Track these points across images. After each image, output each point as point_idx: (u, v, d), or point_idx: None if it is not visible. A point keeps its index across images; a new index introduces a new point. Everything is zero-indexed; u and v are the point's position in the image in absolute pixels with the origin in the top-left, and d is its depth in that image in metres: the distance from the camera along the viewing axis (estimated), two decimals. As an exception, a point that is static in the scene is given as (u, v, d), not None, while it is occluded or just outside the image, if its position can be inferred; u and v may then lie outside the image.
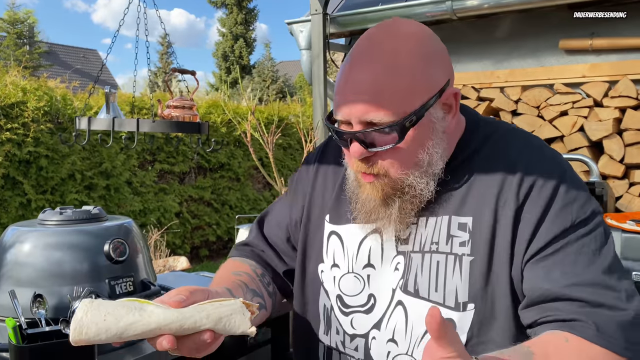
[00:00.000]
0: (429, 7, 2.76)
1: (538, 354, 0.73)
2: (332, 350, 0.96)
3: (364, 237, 0.94)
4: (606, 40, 2.54)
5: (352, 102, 0.84)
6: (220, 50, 22.91)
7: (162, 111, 2.05)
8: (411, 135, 0.83)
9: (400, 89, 0.82)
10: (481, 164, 0.89)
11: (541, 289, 0.79)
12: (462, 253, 0.85)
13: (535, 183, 0.84)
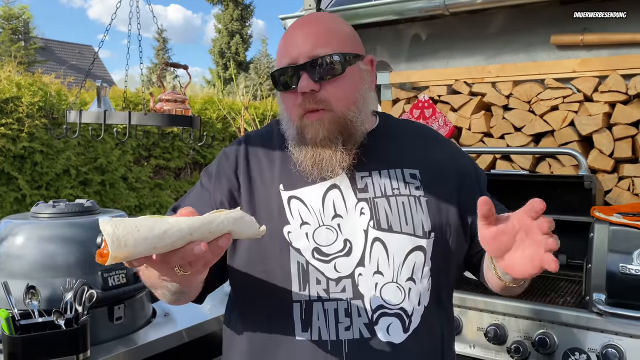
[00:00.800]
0: (421, 2, 2.77)
1: None
2: (313, 303, 1.00)
3: (325, 193, 1.06)
4: (597, 36, 2.56)
5: (301, 43, 1.03)
6: (217, 47, 22.88)
7: (154, 104, 2.06)
8: (349, 72, 1.04)
9: (340, 33, 1.07)
10: (406, 132, 1.17)
11: None
12: (419, 195, 1.07)
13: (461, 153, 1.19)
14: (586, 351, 1.76)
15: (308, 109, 1.02)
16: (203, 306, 1.93)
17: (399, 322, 0.99)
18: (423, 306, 1.02)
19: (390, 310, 0.99)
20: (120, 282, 1.67)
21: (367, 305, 0.99)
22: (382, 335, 0.98)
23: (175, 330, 1.76)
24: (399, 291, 1.00)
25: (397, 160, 1.10)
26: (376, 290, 0.99)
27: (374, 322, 0.98)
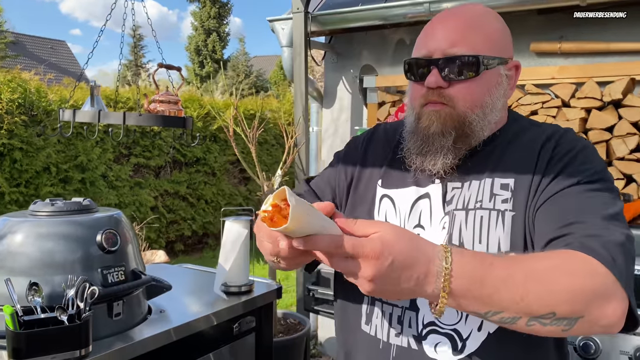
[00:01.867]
0: (406, 8, 2.86)
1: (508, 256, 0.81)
2: (375, 301, 1.03)
3: (416, 200, 1.03)
4: (574, 44, 2.68)
5: (441, 37, 0.98)
6: (193, 44, 22.68)
7: (147, 105, 2.09)
8: (484, 76, 0.98)
9: (484, 33, 0.99)
10: (521, 137, 1.01)
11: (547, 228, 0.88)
12: (505, 209, 0.94)
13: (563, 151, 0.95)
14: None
15: (430, 100, 0.99)
16: (196, 303, 1.98)
17: (449, 342, 0.95)
18: (487, 332, 0.93)
19: (442, 329, 0.96)
20: (119, 279, 1.70)
21: (419, 318, 0.97)
22: (429, 351, 0.96)
23: (171, 326, 1.79)
24: (455, 312, 0.94)
25: (494, 168, 0.99)
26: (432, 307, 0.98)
27: (422, 337, 0.97)
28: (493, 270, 0.74)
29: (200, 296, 2.08)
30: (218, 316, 1.89)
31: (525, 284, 0.74)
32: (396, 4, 2.89)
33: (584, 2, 2.41)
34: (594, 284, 0.77)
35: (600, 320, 0.77)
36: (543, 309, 0.75)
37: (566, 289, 0.75)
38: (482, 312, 0.76)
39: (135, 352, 1.64)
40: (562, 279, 0.76)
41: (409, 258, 0.72)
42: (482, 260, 0.76)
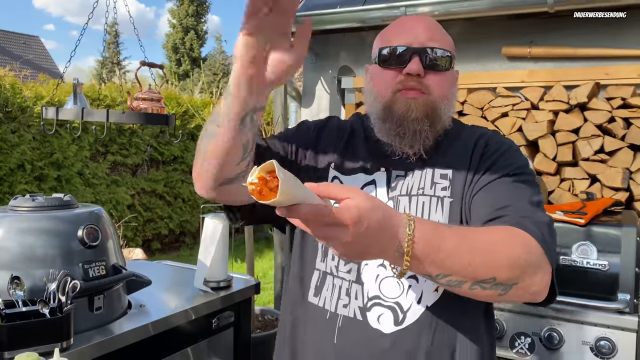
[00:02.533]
0: (384, 11, 2.93)
1: (459, 227, 0.95)
2: (327, 275, 1.10)
3: (363, 186, 1.10)
4: (543, 49, 2.79)
5: (420, 30, 1.08)
6: (171, 42, 22.47)
7: (131, 103, 2.12)
8: (451, 72, 1.11)
9: (447, 37, 1.12)
10: (459, 135, 1.14)
11: (483, 211, 1.00)
12: (444, 196, 1.06)
13: (493, 148, 1.09)
14: (531, 335, 1.96)
15: (407, 87, 1.06)
16: (175, 298, 2.01)
17: (391, 314, 1.03)
18: (425, 305, 1.02)
19: (385, 302, 1.04)
20: (100, 273, 1.72)
21: (364, 291, 1.05)
22: (372, 322, 1.04)
23: (150, 320, 1.82)
24: (397, 286, 1.04)
25: (433, 161, 1.10)
26: (376, 281, 1.05)
27: (367, 308, 1.05)
28: (446, 239, 0.84)
29: (179, 291, 2.12)
30: (197, 311, 1.93)
31: (472, 252, 0.85)
32: (374, 7, 2.95)
33: (552, 9, 2.51)
34: (528, 255, 0.89)
35: (530, 287, 0.90)
36: (485, 274, 0.85)
37: (506, 258, 0.86)
38: (434, 275, 0.85)
39: (115, 345, 1.67)
40: (503, 249, 0.87)
41: (381, 225, 0.78)
42: (438, 229, 0.85)
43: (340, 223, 0.75)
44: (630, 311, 1.83)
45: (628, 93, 2.50)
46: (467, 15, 2.76)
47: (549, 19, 2.71)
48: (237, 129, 0.92)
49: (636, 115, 2.47)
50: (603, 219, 2.01)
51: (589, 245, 1.93)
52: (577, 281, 1.92)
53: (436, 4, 2.76)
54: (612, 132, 2.53)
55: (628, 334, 1.82)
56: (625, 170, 2.48)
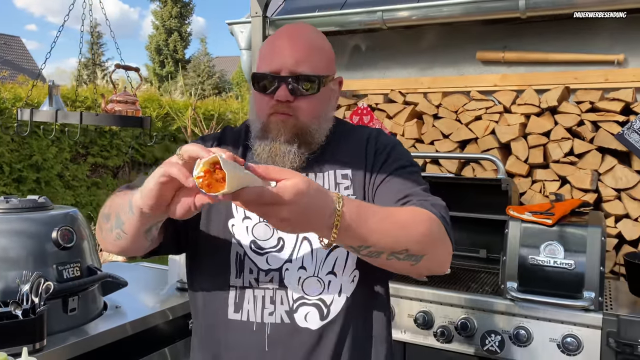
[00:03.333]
0: (361, 16, 2.97)
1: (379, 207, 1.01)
2: (245, 289, 1.14)
3: None
4: (516, 54, 2.86)
5: (287, 55, 1.12)
6: (154, 44, 22.32)
7: (105, 105, 2.13)
8: (322, 91, 1.15)
9: (322, 53, 1.17)
10: (349, 137, 1.23)
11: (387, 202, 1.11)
12: (348, 194, 1.16)
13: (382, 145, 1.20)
14: (500, 333, 2.01)
15: (278, 111, 1.13)
16: (151, 299, 2.02)
17: (316, 311, 1.11)
18: (345, 296, 1.13)
19: (309, 300, 1.12)
20: (75, 274, 1.73)
21: (289, 295, 1.12)
22: (300, 322, 1.11)
23: (126, 321, 1.82)
24: (318, 284, 1.12)
25: (333, 163, 1.19)
26: (299, 283, 1.12)
27: (294, 310, 1.11)
28: (369, 215, 0.94)
29: (156, 293, 2.13)
30: (173, 312, 1.95)
31: (390, 227, 0.96)
32: (352, 12, 2.99)
33: (524, 14, 2.57)
34: (435, 231, 1.01)
35: (437, 259, 1.04)
36: (400, 246, 0.96)
37: (417, 233, 0.98)
38: (356, 246, 0.94)
39: (90, 346, 1.67)
40: (415, 225, 0.99)
41: (315, 203, 0.87)
42: (362, 206, 0.95)
43: (279, 202, 0.82)
44: (595, 309, 1.89)
45: (596, 97, 2.57)
46: (443, 20, 2.81)
47: (522, 24, 2.78)
48: (142, 235, 1.01)
49: (604, 118, 2.54)
50: (570, 220, 2.06)
51: (556, 245, 1.98)
52: (544, 280, 1.98)
53: (413, 9, 2.82)
54: (581, 135, 2.60)
55: (593, 331, 1.88)
56: (593, 172, 2.55)
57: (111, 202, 1.10)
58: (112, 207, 1.08)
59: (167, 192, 0.86)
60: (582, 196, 2.55)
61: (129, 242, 1.04)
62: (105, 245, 1.14)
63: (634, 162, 2.51)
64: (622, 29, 2.64)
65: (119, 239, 1.05)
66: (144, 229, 0.99)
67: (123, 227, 1.01)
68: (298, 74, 1.11)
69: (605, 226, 2.03)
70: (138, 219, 0.95)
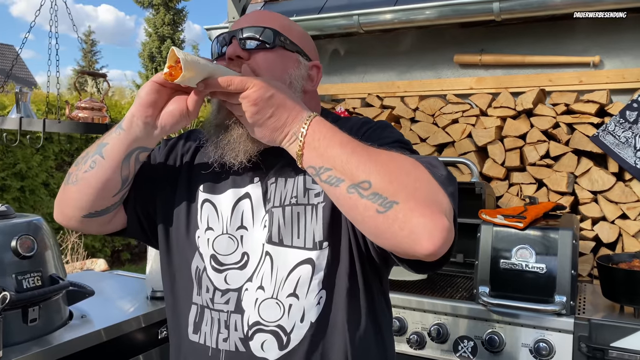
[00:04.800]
0: (339, 20, 2.96)
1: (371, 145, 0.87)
2: (204, 309, 1.03)
3: (236, 202, 1.03)
4: (492, 57, 2.85)
5: (246, 18, 1.05)
6: (147, 51, 22.31)
7: (70, 112, 2.10)
8: (281, 52, 1.01)
9: (287, 24, 1.06)
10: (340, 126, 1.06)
11: None
12: (317, 202, 0.98)
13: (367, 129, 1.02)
14: (473, 338, 1.98)
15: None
16: (121, 308, 2.00)
17: (274, 339, 0.97)
18: (309, 322, 0.96)
19: (267, 327, 0.97)
20: (35, 284, 1.70)
21: (244, 320, 0.98)
22: (256, 351, 0.97)
23: (91, 330, 1.80)
24: (277, 307, 0.97)
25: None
26: (255, 306, 0.98)
27: (248, 338, 0.98)
28: (336, 134, 0.86)
29: (126, 301, 2.10)
30: (141, 320, 1.92)
31: (354, 149, 0.83)
32: (329, 15, 2.98)
33: (499, 17, 2.57)
34: (415, 175, 0.81)
35: (415, 214, 0.77)
36: (361, 174, 0.80)
37: (385, 163, 0.82)
38: (317, 167, 0.84)
39: (52, 356, 1.64)
40: (388, 158, 0.83)
41: (285, 101, 0.87)
42: (332, 126, 0.87)
43: (251, 84, 0.85)
44: (567, 313, 1.87)
45: (571, 99, 2.56)
46: (420, 23, 2.80)
47: (498, 27, 2.78)
48: (120, 163, 0.98)
49: (579, 120, 2.53)
50: (542, 223, 2.04)
51: (527, 249, 1.96)
52: (516, 284, 1.95)
53: (390, 12, 2.81)
54: (557, 137, 2.59)
55: (565, 336, 1.86)
56: (570, 175, 2.54)
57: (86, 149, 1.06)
58: (91, 146, 1.04)
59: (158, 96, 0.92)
60: (558, 199, 2.53)
61: (101, 173, 0.98)
62: (63, 200, 1.05)
63: (610, 165, 2.50)
64: (596, 30, 2.64)
65: (92, 168, 0.99)
66: (125, 153, 0.97)
67: (104, 150, 0.98)
68: (249, 26, 1.00)
69: (577, 229, 2.02)
70: (125, 137, 0.96)
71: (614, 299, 1.94)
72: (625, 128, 2.39)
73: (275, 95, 0.86)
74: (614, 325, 1.80)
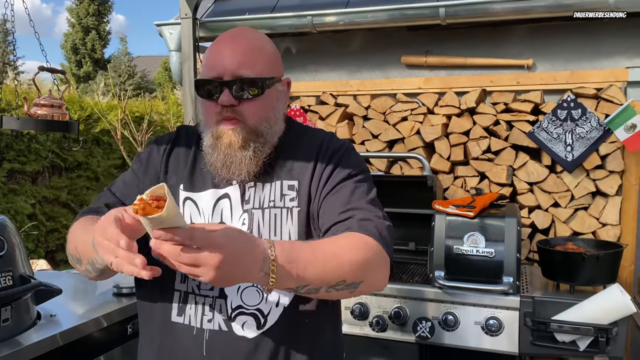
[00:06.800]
0: (291, 20, 3.04)
1: (312, 242, 1.05)
2: (189, 295, 1.16)
3: (217, 201, 1.18)
4: (437, 58, 3.04)
5: (228, 59, 1.12)
6: (70, 42, 21.21)
7: (28, 109, 2.06)
8: (267, 94, 1.14)
9: (264, 58, 1.15)
10: (300, 144, 1.22)
11: (330, 215, 1.13)
12: (292, 206, 1.16)
13: (332, 153, 1.20)
14: (431, 319, 2.15)
15: (225, 117, 1.13)
16: (89, 306, 1.99)
17: (253, 320, 1.12)
18: (283, 306, 1.13)
19: (247, 310, 1.13)
20: (7, 284, 1.68)
21: (228, 304, 1.13)
22: (237, 330, 1.12)
23: (62, 329, 1.79)
24: (257, 294, 1.13)
25: (280, 173, 1.19)
26: (237, 292, 1.13)
27: (231, 319, 1.13)
28: (302, 254, 0.97)
29: (92, 299, 2.09)
30: (110, 317, 1.92)
31: (323, 262, 0.98)
32: (282, 15, 3.05)
33: (444, 21, 2.75)
34: (371, 257, 1.04)
35: (374, 282, 1.08)
36: (336, 279, 1.00)
37: (351, 262, 1.01)
38: (294, 287, 0.98)
39: (24, 357, 1.63)
40: (348, 254, 1.01)
41: (246, 247, 0.90)
42: (294, 249, 0.98)
43: (211, 245, 0.84)
44: (514, 292, 2.07)
45: (509, 99, 2.80)
46: (369, 25, 2.95)
47: (443, 30, 2.97)
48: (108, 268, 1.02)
49: (517, 118, 2.77)
50: (490, 212, 2.24)
51: (477, 235, 2.15)
52: (468, 268, 2.14)
53: (341, 14, 2.93)
54: (497, 133, 2.82)
55: (512, 312, 2.06)
56: (509, 168, 2.78)
57: (76, 239, 1.13)
58: (80, 249, 1.11)
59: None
60: (499, 190, 2.77)
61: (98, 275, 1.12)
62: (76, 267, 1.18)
63: (544, 158, 2.76)
64: (530, 36, 2.89)
65: (103, 274, 1.12)
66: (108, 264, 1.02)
67: (102, 268, 1.08)
68: (240, 76, 1.10)
69: (520, 217, 2.23)
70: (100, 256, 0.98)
71: (551, 278, 2.18)
72: (557, 125, 2.66)
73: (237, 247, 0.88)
74: (554, 301, 2.03)
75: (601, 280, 2.06)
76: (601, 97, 2.67)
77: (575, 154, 2.64)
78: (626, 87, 2.66)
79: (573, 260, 2.06)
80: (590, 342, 1.95)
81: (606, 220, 2.64)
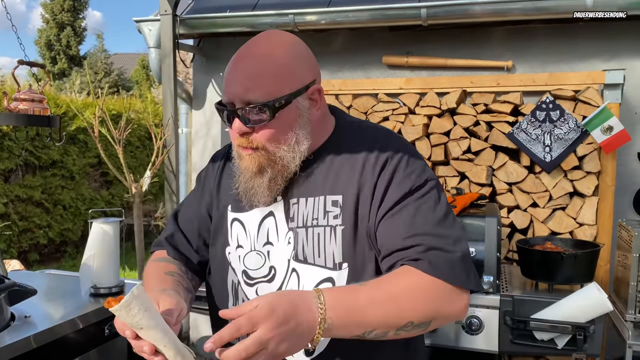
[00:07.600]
0: (273, 18, 3.02)
1: (369, 283, 0.97)
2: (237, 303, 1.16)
3: (262, 220, 1.14)
4: (418, 59, 3.05)
5: (235, 85, 1.04)
6: (44, 38, 20.77)
7: (8, 104, 2.01)
8: (280, 116, 1.04)
9: (272, 77, 1.04)
10: (345, 151, 1.11)
11: (392, 239, 1.02)
12: (336, 224, 1.07)
13: (385, 162, 1.06)
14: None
15: (242, 145, 1.08)
16: (64, 307, 1.94)
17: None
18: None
19: None
20: (-20, 284, 1.63)
21: None
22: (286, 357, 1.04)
23: (37, 331, 1.75)
24: None
25: (324, 187, 1.10)
26: None
27: None
28: (359, 298, 0.92)
29: (68, 300, 2.04)
30: (87, 318, 1.88)
31: (386, 305, 0.93)
32: (263, 13, 3.03)
33: (426, 22, 2.77)
34: (436, 297, 0.97)
35: (448, 316, 0.99)
36: (403, 321, 0.94)
37: (417, 305, 0.95)
38: (360, 334, 0.93)
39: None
40: (412, 297, 0.95)
41: (293, 307, 0.87)
42: (349, 292, 0.94)
43: (258, 321, 0.83)
44: (494, 291, 2.09)
45: (489, 100, 2.83)
46: (351, 25, 2.94)
47: (424, 31, 2.98)
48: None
49: (496, 119, 2.80)
50: (470, 211, 2.26)
51: (458, 235, 2.16)
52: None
53: (322, 13, 2.92)
54: (477, 134, 2.84)
55: (492, 311, 2.08)
56: (488, 168, 2.80)
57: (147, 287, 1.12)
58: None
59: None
60: (479, 190, 2.79)
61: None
62: None
63: (523, 159, 2.79)
64: (510, 38, 2.93)
65: None
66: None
67: None
68: (248, 101, 1.03)
69: (500, 216, 2.25)
70: None
71: (530, 277, 2.20)
72: (536, 126, 2.69)
73: (284, 310, 0.85)
74: (533, 299, 2.05)
75: (579, 279, 2.10)
76: (579, 99, 2.72)
77: (553, 155, 2.67)
78: (603, 90, 2.71)
79: (552, 260, 2.09)
80: (569, 340, 1.98)
81: (583, 220, 2.69)
